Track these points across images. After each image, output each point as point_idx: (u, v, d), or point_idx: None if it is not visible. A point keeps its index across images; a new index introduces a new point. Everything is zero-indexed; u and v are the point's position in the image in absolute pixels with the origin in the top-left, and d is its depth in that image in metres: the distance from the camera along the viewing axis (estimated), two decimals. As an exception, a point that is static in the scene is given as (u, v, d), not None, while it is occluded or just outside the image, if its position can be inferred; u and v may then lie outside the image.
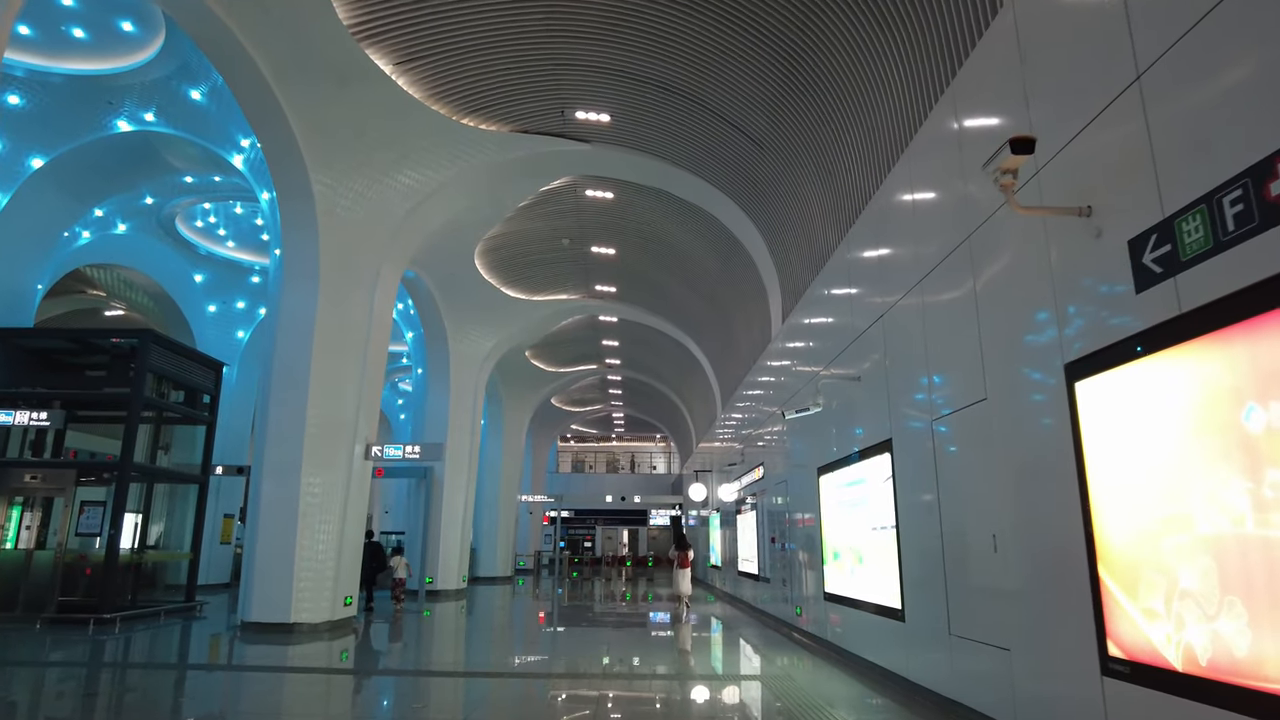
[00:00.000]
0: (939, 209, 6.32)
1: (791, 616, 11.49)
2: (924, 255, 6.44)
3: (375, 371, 12.30)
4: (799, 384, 10.96)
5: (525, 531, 34.85)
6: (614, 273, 18.27)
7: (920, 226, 6.68)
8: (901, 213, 7.16)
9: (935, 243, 6.22)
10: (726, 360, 18.57)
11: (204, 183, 14.48)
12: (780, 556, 12.34)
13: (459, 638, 11.86)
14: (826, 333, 9.78)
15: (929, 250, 6.34)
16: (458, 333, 18.93)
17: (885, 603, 7.31)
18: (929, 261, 6.30)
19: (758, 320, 14.40)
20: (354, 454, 11.59)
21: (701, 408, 24.74)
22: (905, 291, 6.81)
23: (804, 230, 10.62)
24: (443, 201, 12.78)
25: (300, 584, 10.67)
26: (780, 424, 12.11)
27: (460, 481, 19.06)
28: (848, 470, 8.56)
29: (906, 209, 7.02)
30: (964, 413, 5.64)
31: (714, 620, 14.15)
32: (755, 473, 14.57)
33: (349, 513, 11.46)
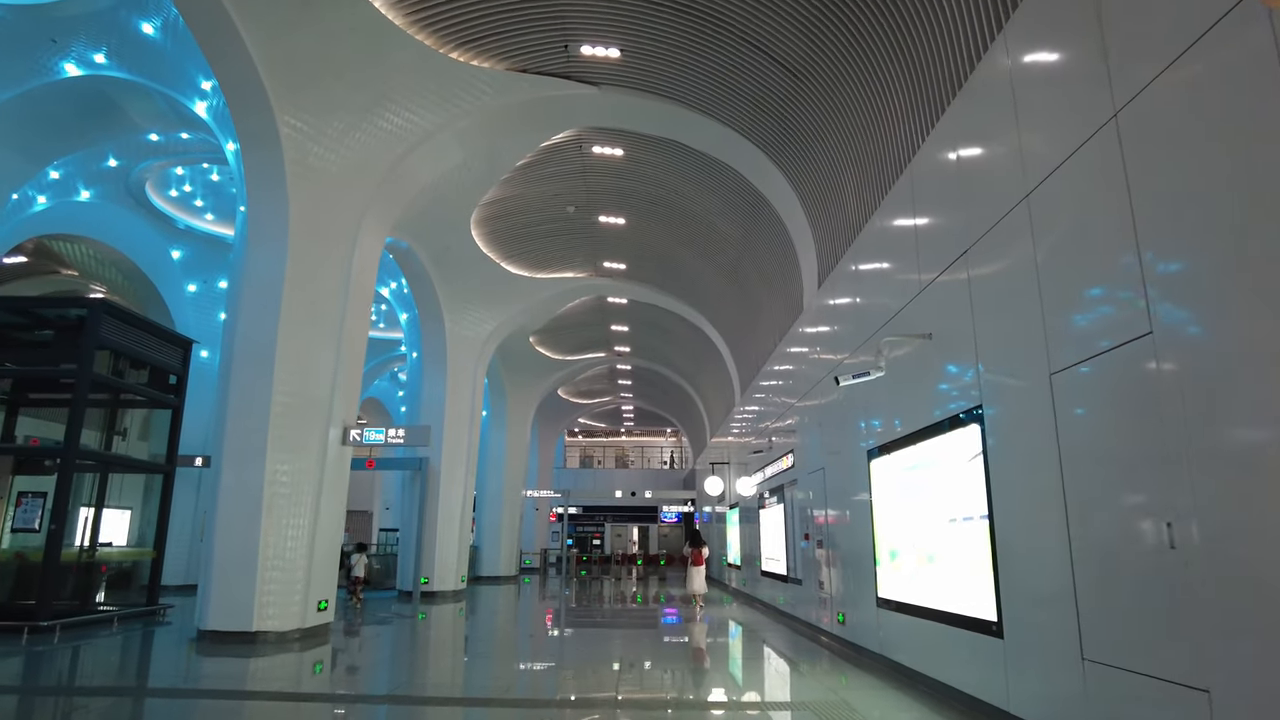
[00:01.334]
0: (1068, 79, 4.81)
1: (829, 623, 10.00)
2: (1054, 134, 4.92)
3: (354, 347, 10.86)
4: (846, 349, 9.45)
5: (531, 529, 33.43)
6: (623, 246, 16.78)
7: (1042, 94, 5.16)
8: (1006, 88, 5.65)
9: (1068, 110, 4.71)
10: (747, 342, 17.06)
11: (171, 141, 13.07)
12: (815, 555, 10.84)
13: (451, 650, 10.41)
14: (883, 284, 8.28)
15: (1060, 126, 4.83)
16: (455, 313, 17.48)
17: (970, 612, 5.81)
18: (1062, 143, 4.79)
19: (786, 288, 12.89)
20: (329, 438, 10.15)
21: (717, 397, 23.24)
22: (1016, 202, 5.28)
23: (852, 162, 9.11)
24: (432, 153, 11.31)
25: (265, 587, 9.24)
26: (820, 398, 10.60)
27: (458, 473, 17.62)
28: (912, 451, 7.06)
29: (1016, 81, 5.51)
30: (1108, 357, 4.14)
31: (737, 625, 12.67)
32: (783, 462, 13.06)
33: (324, 504, 10.03)
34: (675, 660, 9.46)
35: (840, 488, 9.57)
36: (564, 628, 13.01)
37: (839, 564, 9.62)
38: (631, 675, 8.00)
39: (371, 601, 16.39)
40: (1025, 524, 5.06)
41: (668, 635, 12.00)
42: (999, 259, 5.48)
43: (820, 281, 10.80)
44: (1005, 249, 5.37)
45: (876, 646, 8.14)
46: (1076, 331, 4.49)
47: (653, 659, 9.46)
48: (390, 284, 18.19)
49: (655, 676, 8.19)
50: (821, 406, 10.58)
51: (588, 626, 13.17)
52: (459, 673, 8.50)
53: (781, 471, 13.32)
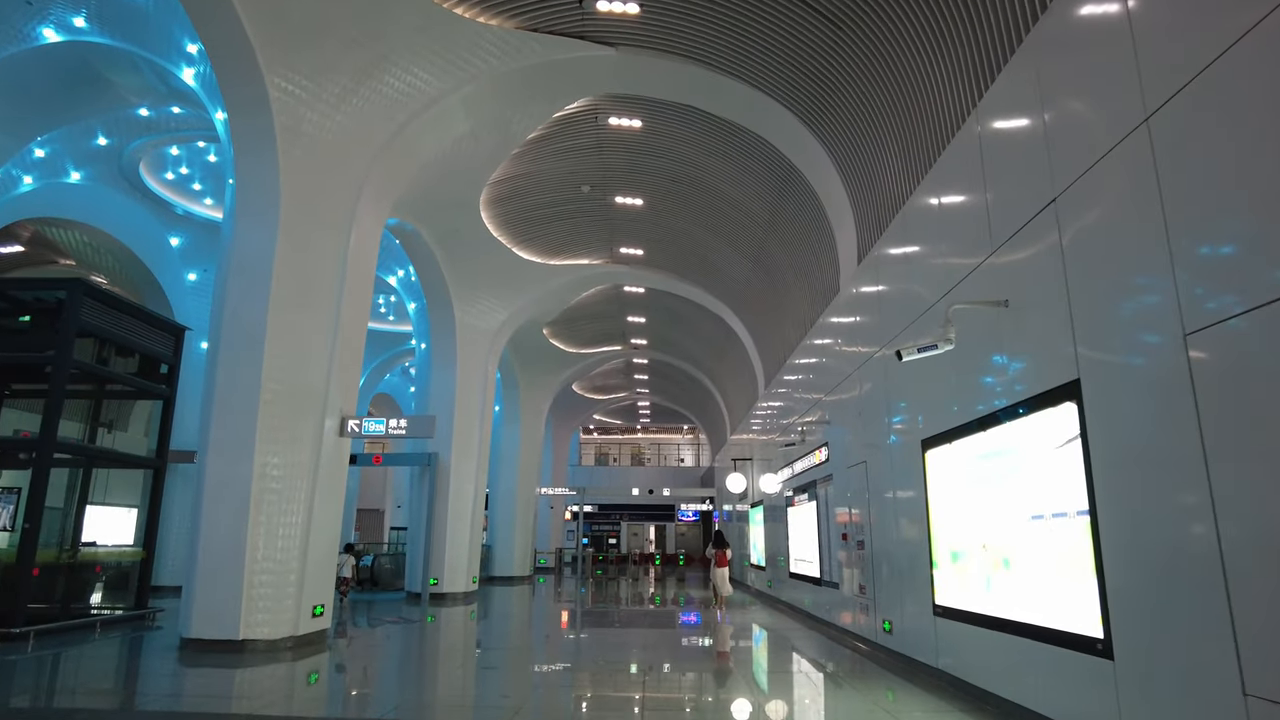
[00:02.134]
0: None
1: (872, 631, 9.07)
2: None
3: (352, 332, 10.05)
4: (892, 330, 8.51)
5: (545, 527, 32.66)
6: (641, 229, 15.90)
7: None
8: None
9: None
10: (772, 331, 16.13)
11: (162, 117, 12.33)
12: (854, 557, 9.91)
13: (460, 659, 9.57)
14: (943, 252, 7.35)
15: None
16: (464, 301, 16.66)
17: (1063, 626, 4.88)
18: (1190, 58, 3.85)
19: (818, 270, 11.96)
20: (324, 430, 9.34)
21: (738, 391, 22.31)
22: (1130, 129, 4.35)
23: (900, 122, 8.17)
24: (436, 121, 10.48)
25: (254, 591, 8.45)
26: (858, 388, 9.68)
27: (469, 469, 16.82)
28: (981, 439, 6.13)
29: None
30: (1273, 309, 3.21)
31: (765, 631, 11.75)
32: (814, 456, 12.13)
33: (319, 501, 9.22)
34: (704, 672, 8.57)
35: (885, 483, 8.64)
36: (581, 634, 12.15)
37: (885, 567, 8.69)
38: (657, 691, 7.12)
39: (379, 604, 15.62)
40: (1144, 520, 4.13)
41: (693, 642, 11.11)
42: (1102, 204, 4.54)
43: (860, 258, 9.86)
44: (1111, 191, 4.44)
45: (932, 659, 7.21)
46: (1226, 277, 3.56)
47: (680, 670, 8.58)
48: (398, 271, 17.42)
49: (684, 692, 7.30)
50: (861, 396, 9.65)
51: (605, 631, 12.31)
52: (468, 688, 7.65)
53: (813, 467, 12.39)
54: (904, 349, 5.68)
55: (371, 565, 18.87)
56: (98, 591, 11.59)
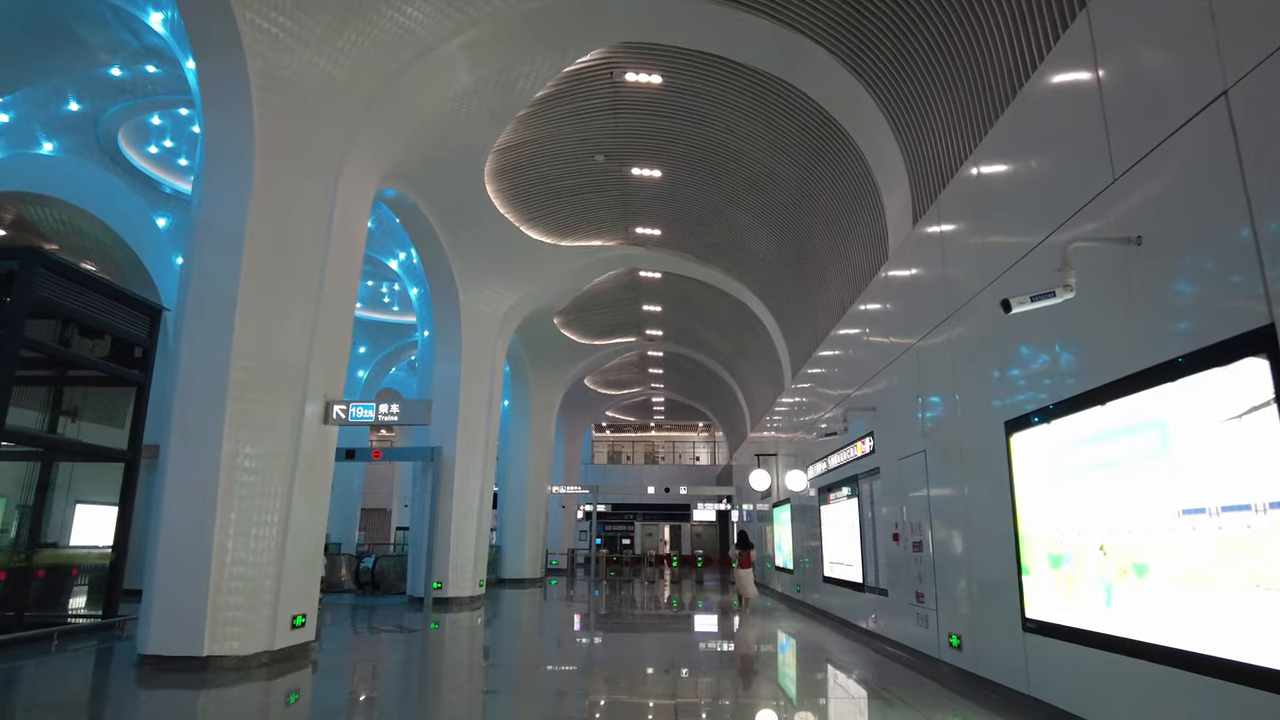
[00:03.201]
0: None
1: (933, 645, 7.85)
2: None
3: (339, 306, 8.94)
4: (973, 285, 7.27)
5: (557, 527, 31.52)
6: (659, 205, 14.72)
7: None
8: None
9: None
10: (802, 314, 14.92)
11: (137, 78, 11.26)
12: (908, 560, 8.70)
13: (466, 678, 8.41)
14: (1035, 192, 6.14)
15: None
16: (470, 284, 15.54)
17: (1251, 658, 3.66)
18: None
19: (861, 238, 10.75)
20: (305, 415, 8.22)
21: (760, 384, 21.09)
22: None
23: (966, 49, 6.96)
24: (433, 72, 9.35)
25: (221, 599, 7.33)
26: (910, 368, 8.44)
27: (475, 464, 15.69)
28: (1095, 415, 4.91)
29: None
30: None
31: (799, 640, 10.54)
32: (856, 448, 10.91)
33: (300, 496, 8.10)
34: (740, 691, 7.38)
35: (952, 475, 7.43)
36: (599, 645, 10.98)
37: (952, 572, 7.47)
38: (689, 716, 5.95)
39: (380, 609, 14.53)
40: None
41: (723, 655, 9.92)
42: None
43: (918, 216, 8.64)
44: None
45: (1020, 683, 6.00)
46: None
47: (713, 691, 7.39)
48: (399, 254, 16.33)
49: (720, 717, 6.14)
50: (919, 377, 8.43)
51: (625, 641, 11.14)
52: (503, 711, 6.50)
53: (853, 460, 11.17)
54: (1014, 299, 4.47)
55: (373, 568, 17.78)
56: (76, 597, 10.58)
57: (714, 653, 10.17)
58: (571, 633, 12.47)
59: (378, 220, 15.97)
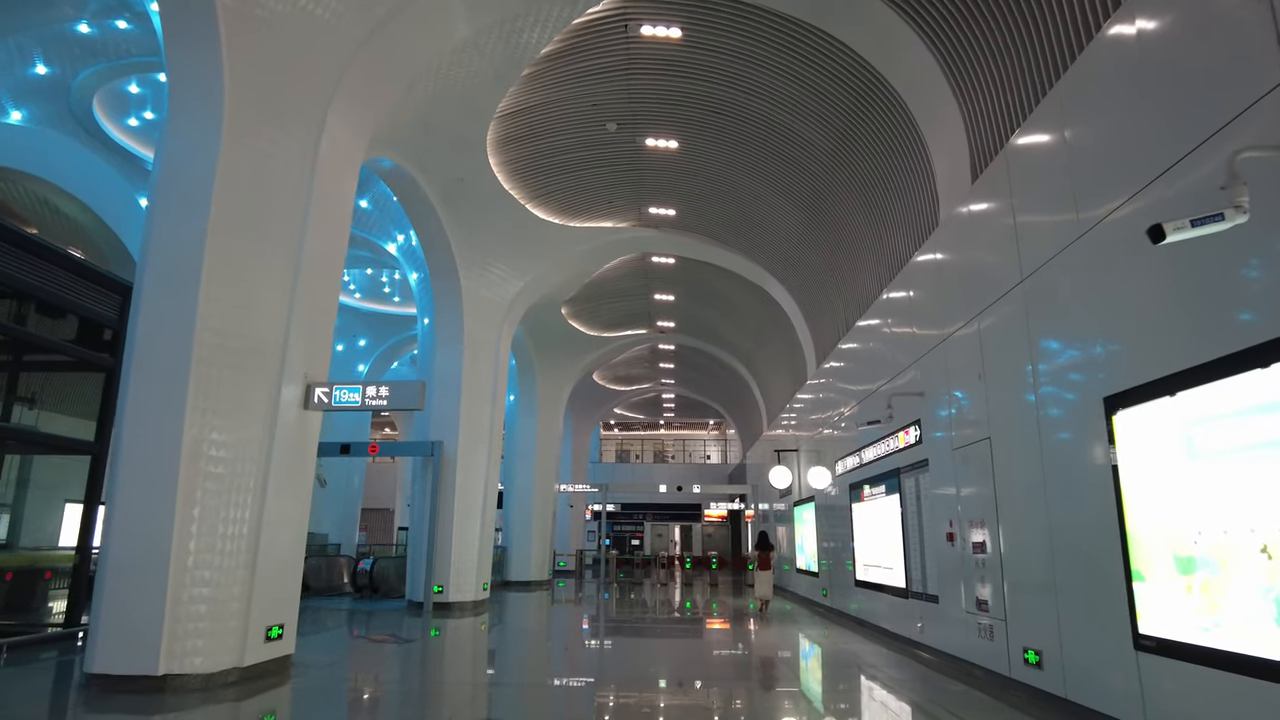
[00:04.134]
0: None
1: (1002, 661, 6.81)
2: None
3: (323, 275, 7.95)
4: (1070, 231, 6.24)
5: (565, 528, 30.53)
6: (674, 181, 13.70)
7: None
8: None
9: None
10: (830, 295, 13.88)
11: (108, 36, 10.33)
12: (967, 562, 7.65)
13: (468, 698, 7.41)
14: (1164, 104, 5.11)
15: None
16: (472, 268, 14.55)
17: None
18: None
19: (904, 201, 9.70)
20: (281, 398, 7.23)
21: (779, 376, 20.06)
22: None
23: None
24: (428, 18, 8.36)
25: (181, 609, 6.34)
26: (973, 342, 7.39)
27: (478, 461, 14.69)
28: (1245, 382, 3.88)
29: None
30: None
31: (839, 652, 9.49)
32: (900, 438, 9.87)
33: (275, 490, 7.11)
34: (784, 714, 6.36)
35: (1029, 462, 6.38)
36: (613, 657, 9.97)
37: (1027, 575, 6.43)
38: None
39: (377, 615, 13.55)
40: None
41: (758, 669, 8.89)
42: None
43: (977, 170, 7.59)
44: None
45: (1134, 714, 4.95)
46: None
47: (754, 715, 6.37)
48: (397, 237, 15.36)
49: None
50: (981, 351, 7.39)
51: (643, 653, 10.12)
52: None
53: (893, 453, 10.13)
54: (1170, 225, 3.43)
55: (371, 570, 16.81)
56: (54, 603, 9.65)
57: (747, 667, 9.13)
58: (584, 643, 11.44)
59: (375, 201, 15.02)
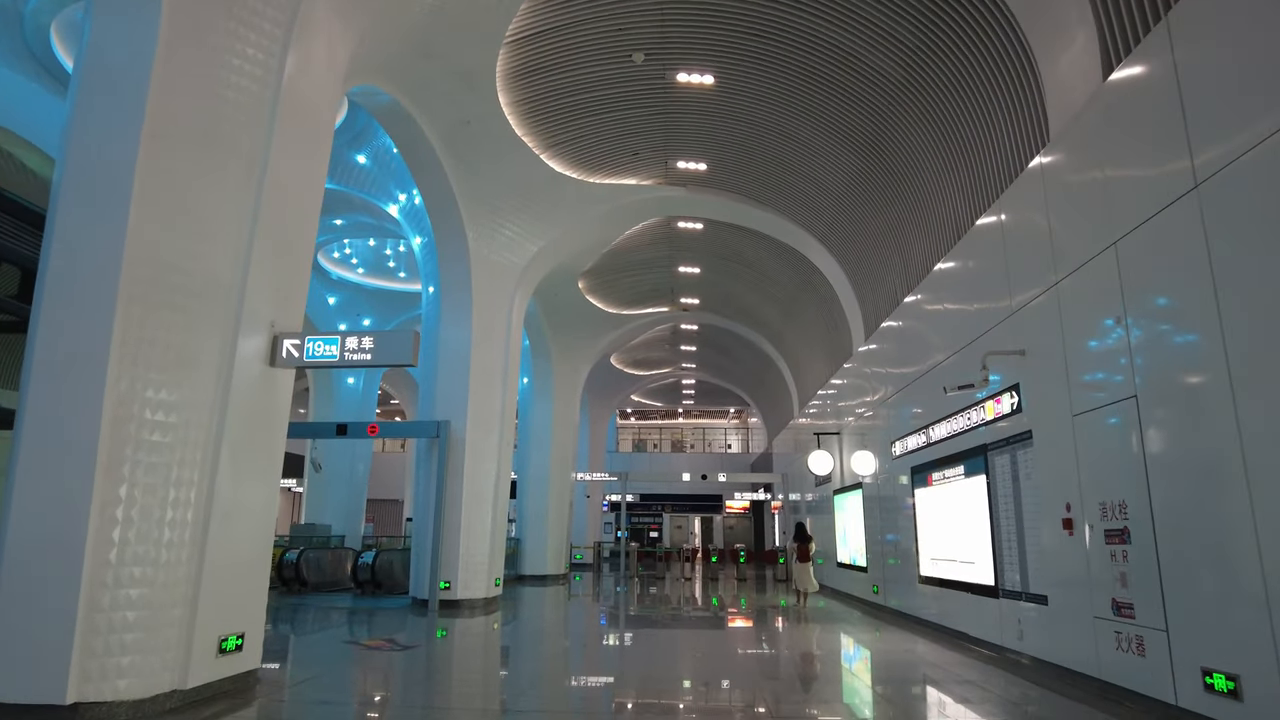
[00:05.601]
0: None
1: (1163, 686, 5.27)
2: None
3: (293, 202, 6.48)
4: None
5: (582, 520, 29.10)
6: (707, 128, 12.13)
7: None
8: None
9: None
10: (885, 256, 12.32)
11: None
12: (1098, 554, 6.11)
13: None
14: None
15: None
16: (481, 227, 13.08)
17: None
18: None
19: (994, 125, 8.10)
20: (238, 352, 5.77)
21: (814, 355, 18.49)
22: None
23: None
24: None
25: (100, 617, 4.90)
26: (1108, 274, 5.80)
27: (489, 444, 13.25)
28: None
29: None
30: None
31: (915, 662, 7.95)
32: (988, 408, 8.31)
33: (229, 466, 5.65)
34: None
35: (1215, 418, 4.82)
36: (646, 667, 8.48)
37: (1213, 573, 4.87)
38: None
39: (378, 615, 12.16)
40: None
41: (825, 683, 7.38)
42: None
43: (1111, 59, 6.00)
44: None
45: None
46: None
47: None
48: (399, 196, 13.89)
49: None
50: (1121, 284, 5.82)
51: (681, 659, 8.64)
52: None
53: (976, 427, 8.58)
54: None
55: (373, 564, 15.43)
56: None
57: (811, 681, 7.61)
58: (613, 651, 9.98)
59: (374, 156, 13.56)
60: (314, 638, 10.00)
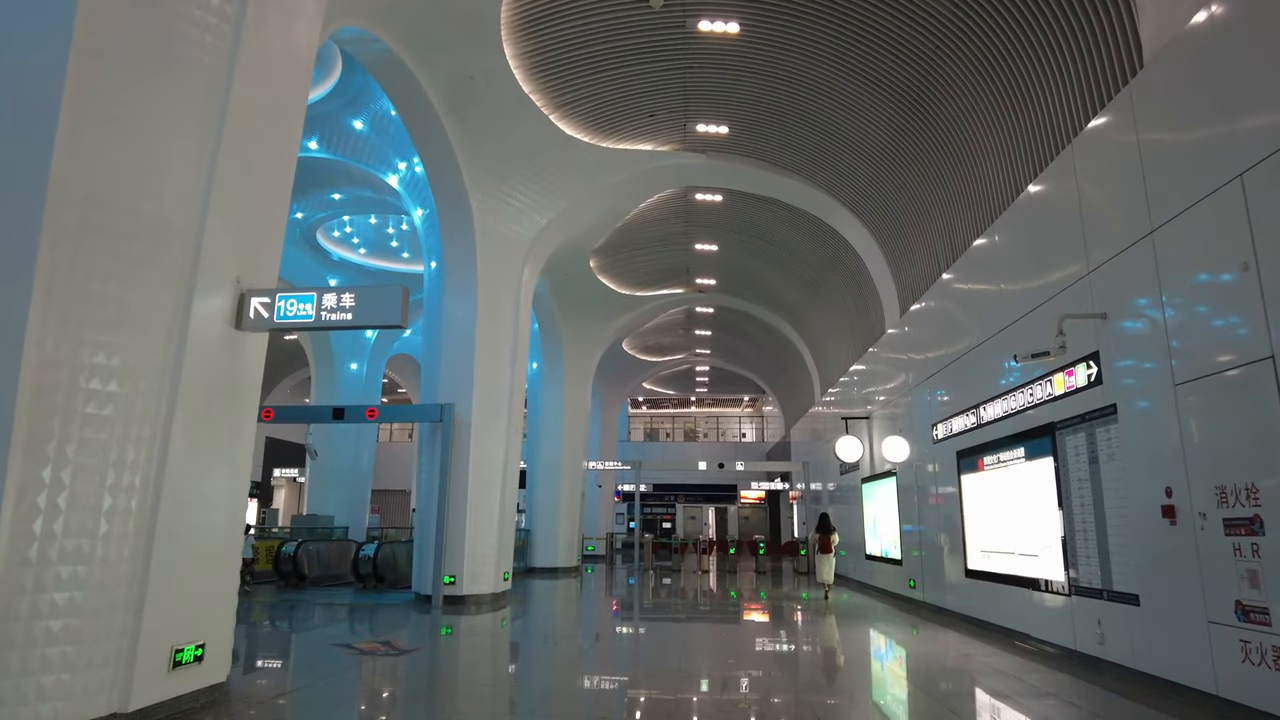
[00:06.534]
0: None
1: (1262, 692, 4.33)
2: None
3: (263, 141, 5.56)
4: None
5: (594, 511, 28.24)
6: (730, 84, 11.13)
7: None
8: None
9: None
10: (926, 221, 11.33)
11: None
12: (1213, 547, 5.15)
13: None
14: None
15: None
16: (487, 196, 12.17)
17: None
18: None
19: (1073, 53, 7.10)
20: (195, 310, 4.87)
21: (839, 335, 17.49)
22: None
23: None
24: None
25: (15, 628, 4.03)
26: (1229, 221, 4.86)
27: (496, 428, 12.38)
28: None
29: None
30: None
31: (977, 669, 7.03)
32: (1057, 381, 7.35)
33: (182, 448, 4.77)
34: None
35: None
36: (671, 670, 7.58)
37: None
38: None
39: (380, 611, 11.33)
40: None
41: (868, 687, 6.47)
42: None
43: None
44: None
45: None
46: None
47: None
48: (398, 165, 12.98)
49: None
50: (1251, 217, 4.83)
51: (710, 663, 7.73)
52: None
53: (1044, 402, 7.62)
54: None
55: (375, 557, 14.61)
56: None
57: (866, 692, 6.70)
58: (630, 657, 9.09)
59: (372, 122, 12.64)
60: (304, 639, 9.16)
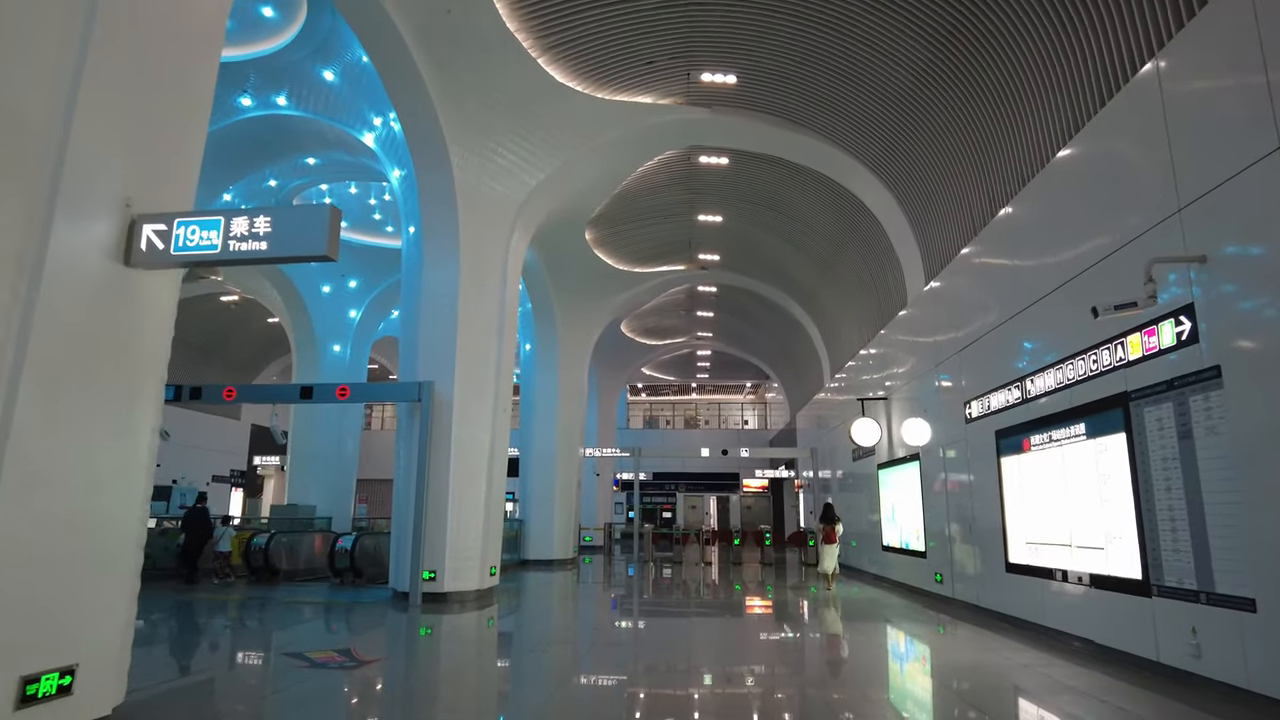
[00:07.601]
0: None
1: None
2: None
3: (171, 14, 4.40)
4: None
5: (591, 499, 27.16)
6: (739, 23, 9.93)
7: None
8: None
9: None
10: (960, 177, 10.17)
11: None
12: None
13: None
14: None
15: None
16: (470, 153, 10.99)
17: None
18: None
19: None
20: (55, 233, 3.72)
21: (851, 312, 16.36)
22: None
23: None
24: None
25: None
26: None
27: (481, 409, 11.25)
28: None
29: None
30: None
31: (1044, 684, 5.94)
32: (1132, 344, 6.22)
33: (35, 420, 3.64)
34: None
35: None
36: (685, 679, 6.47)
37: None
38: None
39: (356, 610, 10.25)
40: None
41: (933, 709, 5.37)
42: None
43: None
44: None
45: None
46: None
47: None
48: (373, 120, 11.78)
49: None
50: None
51: (728, 670, 6.63)
52: None
53: (1112, 369, 6.50)
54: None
55: (353, 549, 13.52)
56: None
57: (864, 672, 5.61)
58: (634, 668, 7.99)
59: (344, 73, 11.43)
60: (252, 646, 8.04)
